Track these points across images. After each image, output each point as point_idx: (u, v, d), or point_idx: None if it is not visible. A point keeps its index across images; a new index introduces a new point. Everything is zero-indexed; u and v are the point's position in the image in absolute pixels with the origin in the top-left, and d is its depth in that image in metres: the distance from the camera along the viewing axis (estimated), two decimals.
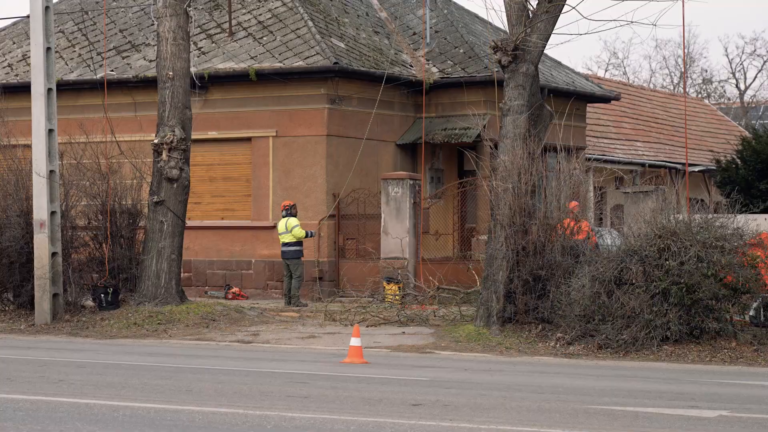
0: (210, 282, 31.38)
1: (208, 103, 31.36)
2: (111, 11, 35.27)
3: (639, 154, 45.35)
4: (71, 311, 24.93)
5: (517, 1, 22.71)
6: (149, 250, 25.28)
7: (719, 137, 53.01)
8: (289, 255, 28.19)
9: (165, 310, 24.60)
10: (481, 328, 22.06)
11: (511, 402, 14.16)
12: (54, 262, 24.36)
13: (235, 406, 13.58)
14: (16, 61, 34.85)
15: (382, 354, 20.23)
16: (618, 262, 20.60)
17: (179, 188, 25.46)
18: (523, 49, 22.56)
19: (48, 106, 24.43)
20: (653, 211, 21.44)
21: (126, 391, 14.80)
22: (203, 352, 20.42)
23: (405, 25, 35.35)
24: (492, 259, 22.19)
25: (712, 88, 77.52)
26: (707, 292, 19.85)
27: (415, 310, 25.16)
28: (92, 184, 26.29)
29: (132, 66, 32.71)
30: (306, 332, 23.37)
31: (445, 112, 32.61)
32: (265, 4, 33.36)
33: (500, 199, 22.15)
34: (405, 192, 29.11)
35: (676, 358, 19.61)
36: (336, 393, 14.80)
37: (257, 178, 31.01)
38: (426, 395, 14.67)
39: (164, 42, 25.33)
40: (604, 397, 14.72)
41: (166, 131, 25.29)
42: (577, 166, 23.11)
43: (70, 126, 28.24)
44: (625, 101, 46.53)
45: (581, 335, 20.61)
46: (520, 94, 22.71)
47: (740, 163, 34.45)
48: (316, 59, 30.36)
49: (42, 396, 14.29)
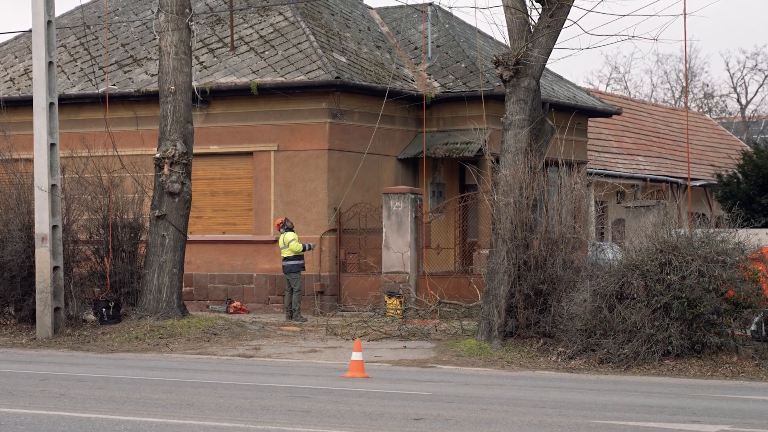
0: (211, 296, 31.38)
1: (210, 118, 31.39)
2: (113, 25, 35.33)
3: (640, 168, 45.38)
4: (73, 325, 24.93)
5: (519, 16, 22.75)
6: (151, 264, 25.28)
7: (720, 152, 53.06)
8: (288, 269, 28.20)
9: (166, 324, 24.59)
10: (483, 343, 22.05)
11: (512, 416, 14.15)
12: (55, 276, 24.36)
13: (237, 420, 13.57)
14: (18, 75, 34.91)
15: (384, 368, 20.21)
16: (619, 277, 20.60)
17: (181, 202, 25.47)
18: (525, 63, 22.59)
19: (50, 121, 24.45)
20: (655, 225, 21.43)
21: (127, 406, 14.79)
22: (204, 366, 20.40)
23: (406, 39, 35.42)
24: (493, 274, 22.19)
25: (714, 103, 77.61)
26: (708, 306, 19.83)
27: (416, 325, 25.15)
28: (94, 198, 26.30)
29: (134, 80, 32.76)
30: (307, 346, 23.36)
31: (447, 126, 32.66)
32: (266, 18, 33.42)
33: (502, 214, 22.16)
34: (406, 206, 29.13)
35: (678, 372, 19.59)
36: (337, 407, 14.78)
37: (258, 193, 31.03)
38: (427, 409, 14.66)
39: (166, 56, 25.37)
40: (606, 412, 14.71)
41: (168, 145, 25.31)
42: (578, 180, 23.12)
43: (71, 140, 28.30)
44: (626, 116, 46.61)
45: (583, 349, 20.60)
46: (521, 109, 22.73)
47: (741, 177, 34.46)
48: (318, 73, 30.41)
49: (43, 410, 14.28)
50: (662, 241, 20.63)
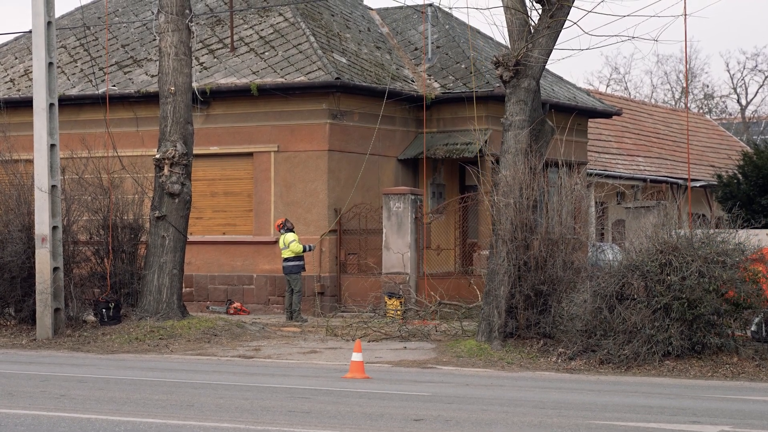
0: (211, 297, 31.38)
1: (210, 118, 31.39)
2: (113, 26, 35.33)
3: (640, 169, 45.38)
4: (73, 326, 24.93)
5: (519, 17, 22.75)
6: (151, 265, 25.28)
7: (721, 152, 53.07)
8: (288, 270, 28.21)
9: (166, 325, 24.59)
10: (483, 343, 22.04)
11: (512, 417, 14.15)
12: (55, 277, 24.36)
13: (237, 421, 13.57)
14: (18, 76, 34.91)
15: (384, 369, 20.21)
16: (619, 277, 20.60)
17: (181, 203, 25.47)
18: (525, 64, 22.59)
19: (50, 121, 24.45)
20: (655, 226, 21.43)
21: (127, 407, 14.79)
22: (205, 367, 20.40)
23: (406, 40, 35.42)
24: (493, 274, 22.19)
25: (714, 104, 77.60)
26: (709, 307, 19.83)
27: (416, 325, 25.15)
28: (94, 199, 26.30)
29: (134, 81, 32.76)
30: (307, 347, 23.36)
31: (447, 127, 32.66)
32: (266, 19, 33.42)
33: (502, 214, 22.16)
34: (406, 207, 29.13)
35: (678, 373, 19.59)
36: (337, 408, 14.78)
37: (259, 193, 31.03)
38: (427, 410, 14.66)
39: (166, 57, 25.37)
40: (606, 413, 14.71)
41: (168, 146, 25.31)
42: (578, 181, 23.12)
43: (71, 141, 28.30)
44: (626, 116, 46.62)
45: (583, 350, 20.61)
46: (521, 109, 22.73)
47: (741, 178, 34.47)
48: (318, 74, 30.41)
49: (43, 411, 14.28)
50: (662, 241, 20.63)
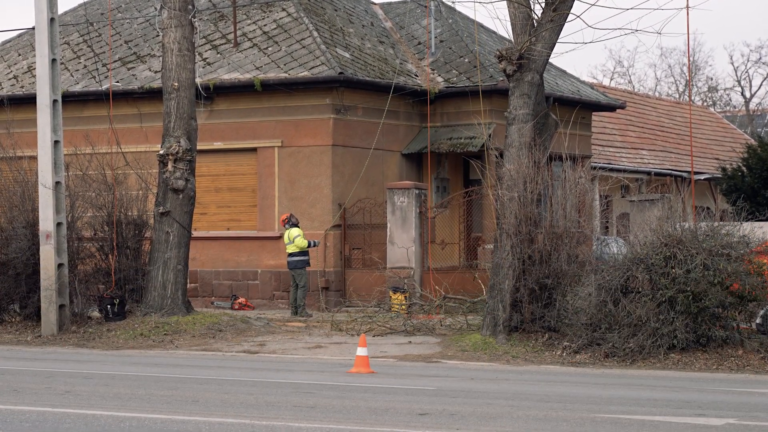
0: (216, 292, 31.39)
1: (214, 114, 31.40)
2: (116, 23, 35.33)
3: (644, 162, 45.35)
4: (77, 322, 24.95)
5: (522, 11, 22.73)
6: (155, 260, 25.28)
7: (725, 145, 53.02)
8: (293, 265, 28.22)
9: (171, 321, 24.60)
10: (488, 337, 22.04)
11: (517, 411, 14.15)
12: (60, 274, 24.38)
13: (242, 416, 13.58)
14: (22, 72, 34.91)
15: (389, 363, 20.21)
16: (624, 271, 20.59)
17: (185, 199, 25.47)
18: (528, 58, 22.57)
19: (53, 118, 24.46)
20: (659, 219, 21.42)
21: (132, 402, 14.80)
22: (209, 363, 20.41)
23: (410, 34, 35.39)
24: (498, 268, 22.18)
25: (718, 96, 77.53)
26: (714, 300, 19.82)
27: (421, 320, 25.14)
28: (98, 195, 26.30)
29: (137, 77, 32.76)
30: (312, 342, 23.36)
31: (451, 121, 32.63)
32: (270, 14, 33.40)
33: (506, 208, 22.14)
34: (411, 201, 29.12)
35: (683, 366, 19.58)
36: (342, 403, 14.79)
37: (263, 189, 31.03)
38: (432, 405, 14.66)
39: (169, 53, 25.35)
40: (611, 406, 14.70)
41: (172, 142, 25.31)
42: (582, 174, 23.09)
43: (75, 137, 28.28)
44: (630, 110, 46.55)
45: (588, 344, 20.60)
46: (525, 103, 22.72)
47: (746, 171, 34.47)
48: (321, 69, 30.39)
49: (48, 407, 14.29)
50: (667, 234, 20.61)
